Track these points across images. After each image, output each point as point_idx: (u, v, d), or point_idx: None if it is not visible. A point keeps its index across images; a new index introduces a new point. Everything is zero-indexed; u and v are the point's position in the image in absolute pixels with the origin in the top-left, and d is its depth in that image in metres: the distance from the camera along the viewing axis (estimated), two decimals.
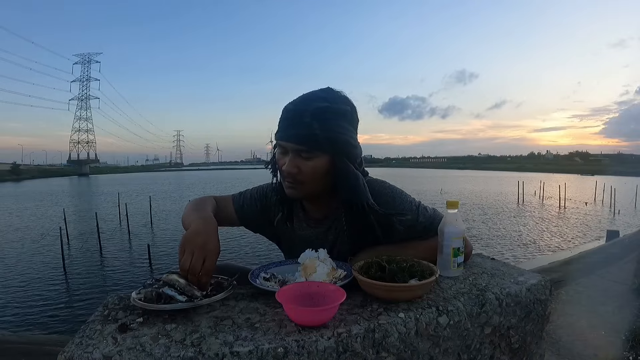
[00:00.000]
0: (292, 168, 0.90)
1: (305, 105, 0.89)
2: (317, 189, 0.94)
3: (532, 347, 0.88)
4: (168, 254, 10.44)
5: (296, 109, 0.90)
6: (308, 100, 0.90)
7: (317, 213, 1.03)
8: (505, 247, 10.91)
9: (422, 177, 56.71)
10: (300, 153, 0.90)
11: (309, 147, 0.89)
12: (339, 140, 0.90)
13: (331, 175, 0.92)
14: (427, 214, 0.97)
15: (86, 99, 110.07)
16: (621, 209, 17.99)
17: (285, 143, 0.91)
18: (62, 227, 10.85)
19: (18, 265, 9.22)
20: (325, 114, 0.88)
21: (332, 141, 0.89)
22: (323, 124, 0.87)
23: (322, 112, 0.88)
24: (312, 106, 0.88)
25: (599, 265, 4.85)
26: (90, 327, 0.68)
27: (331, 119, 0.89)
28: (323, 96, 0.91)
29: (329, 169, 0.91)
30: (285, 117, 0.91)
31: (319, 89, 0.94)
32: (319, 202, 1.01)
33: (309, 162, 0.90)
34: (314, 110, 0.87)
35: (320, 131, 0.87)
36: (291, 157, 0.90)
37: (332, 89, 0.94)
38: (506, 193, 27.11)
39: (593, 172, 61.22)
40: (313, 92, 0.93)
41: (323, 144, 0.88)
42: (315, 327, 0.66)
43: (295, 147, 0.89)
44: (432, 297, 0.78)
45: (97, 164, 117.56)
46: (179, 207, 19.04)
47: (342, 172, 0.91)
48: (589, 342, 2.61)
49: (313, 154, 0.89)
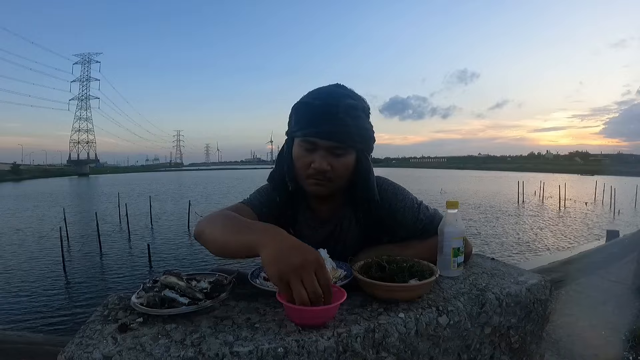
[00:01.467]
0: (325, 165, 0.88)
1: (335, 101, 0.87)
2: (342, 185, 0.94)
3: (532, 347, 0.88)
4: (168, 254, 10.45)
5: (327, 104, 0.87)
6: (336, 95, 0.89)
7: (323, 212, 1.01)
8: (505, 247, 10.90)
9: (422, 177, 56.71)
10: (334, 150, 0.88)
11: (344, 144, 0.88)
12: (368, 137, 0.92)
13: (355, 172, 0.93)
14: (427, 213, 0.97)
15: (86, 99, 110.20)
16: (621, 209, 17.99)
17: (318, 140, 0.87)
18: (62, 227, 10.83)
19: (18, 266, 9.21)
20: (355, 110, 0.88)
21: (363, 138, 0.90)
22: (356, 121, 0.87)
23: (353, 109, 0.88)
24: (343, 102, 0.87)
25: (599, 265, 4.85)
26: (90, 327, 0.68)
27: (360, 116, 0.89)
28: (347, 93, 0.90)
29: (354, 165, 0.93)
30: (315, 113, 0.87)
31: (334, 85, 0.93)
32: (328, 200, 0.99)
33: (341, 159, 0.89)
34: (346, 107, 0.86)
35: (355, 128, 0.87)
36: (323, 154, 0.88)
37: (345, 86, 0.94)
38: (506, 193, 27.11)
39: (593, 172, 61.21)
40: (333, 89, 0.92)
41: (356, 141, 0.89)
42: (315, 327, 0.66)
43: (330, 144, 0.87)
44: (432, 297, 0.78)
45: (97, 164, 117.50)
46: (179, 207, 19.03)
47: (365, 169, 0.93)
48: (589, 342, 2.61)
49: (346, 151, 0.89)
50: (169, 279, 0.75)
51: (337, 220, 1.01)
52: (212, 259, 9.14)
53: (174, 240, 12.16)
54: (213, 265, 1.04)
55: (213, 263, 1.07)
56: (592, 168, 76.64)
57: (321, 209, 1.01)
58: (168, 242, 11.81)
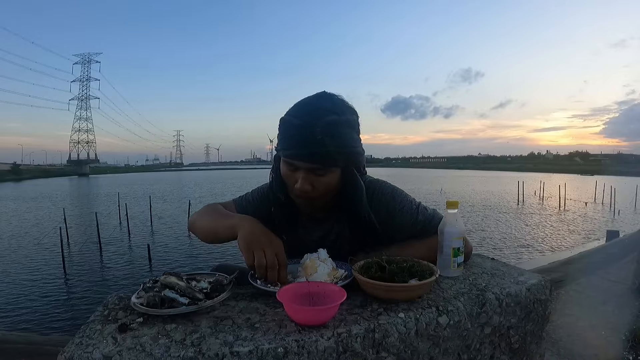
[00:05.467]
0: (306, 186, 0.88)
1: (314, 120, 0.83)
2: (328, 200, 0.95)
3: (532, 347, 0.88)
4: (168, 254, 10.45)
5: (305, 124, 0.84)
6: (315, 113, 0.85)
7: (318, 215, 1.03)
8: (505, 247, 10.90)
9: (422, 177, 56.70)
10: (315, 170, 0.87)
11: (323, 165, 0.87)
12: (351, 153, 0.89)
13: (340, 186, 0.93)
14: (426, 213, 0.97)
15: (86, 99, 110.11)
16: (621, 209, 17.98)
17: (297, 162, 0.87)
18: (62, 227, 10.83)
19: (18, 265, 9.21)
20: (336, 127, 0.85)
21: (345, 155, 0.88)
22: (335, 140, 0.84)
23: (332, 126, 0.84)
24: (322, 121, 0.83)
25: (599, 265, 4.84)
26: (90, 327, 0.68)
27: (342, 133, 0.86)
28: (328, 107, 0.86)
29: (339, 181, 0.92)
30: (293, 134, 0.86)
31: (317, 97, 0.90)
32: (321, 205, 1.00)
33: (322, 179, 0.88)
34: (324, 126, 0.83)
35: (334, 147, 0.84)
36: (304, 175, 0.87)
37: (331, 95, 0.90)
38: (506, 193, 27.11)
39: (593, 172, 61.21)
40: (315, 103, 0.88)
41: (337, 160, 0.87)
42: (315, 327, 0.66)
43: (310, 165, 0.86)
44: (432, 297, 0.78)
45: (97, 164, 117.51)
46: (179, 207, 19.03)
47: (350, 184, 0.92)
48: (589, 342, 2.60)
49: (327, 170, 0.88)
50: (169, 279, 0.75)
51: (331, 223, 1.01)
52: (212, 259, 9.14)
53: (174, 240, 12.14)
54: (213, 265, 1.05)
55: (213, 263, 1.08)
56: (592, 168, 76.64)
57: (314, 212, 1.02)
58: (168, 242, 11.80)
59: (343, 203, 0.95)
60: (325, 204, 0.97)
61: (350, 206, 0.94)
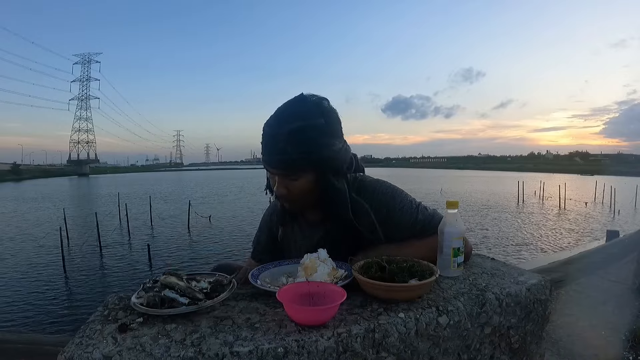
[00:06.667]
0: (281, 190, 0.93)
1: (278, 129, 0.87)
2: (310, 201, 0.97)
3: (532, 347, 0.88)
4: (168, 254, 10.45)
5: (271, 132, 0.89)
6: (281, 121, 0.88)
7: (314, 216, 1.05)
8: (505, 247, 10.90)
9: (422, 177, 56.68)
10: (286, 176, 0.92)
11: (289, 172, 0.90)
12: (318, 158, 0.89)
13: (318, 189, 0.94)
14: (426, 213, 0.98)
15: (86, 99, 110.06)
16: (621, 209, 17.98)
17: (268, 168, 0.94)
18: (62, 227, 10.83)
19: (18, 265, 9.21)
20: (299, 134, 0.86)
21: (311, 161, 0.88)
22: (298, 147, 0.86)
23: (295, 134, 0.86)
24: (285, 129, 0.86)
25: (599, 265, 4.84)
26: (90, 327, 0.68)
27: (307, 139, 0.86)
28: (296, 112, 0.88)
29: (317, 184, 0.93)
30: (264, 142, 0.92)
31: (291, 102, 0.91)
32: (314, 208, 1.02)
33: (295, 183, 0.92)
34: (287, 134, 0.86)
35: (297, 154, 0.86)
36: (278, 180, 0.93)
37: (304, 99, 0.90)
38: (506, 193, 27.10)
39: (593, 172, 61.17)
40: (286, 108, 0.90)
41: (303, 166, 0.89)
42: (315, 327, 0.66)
43: (278, 172, 0.91)
44: (432, 297, 0.78)
45: (97, 164, 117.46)
46: (179, 207, 19.03)
47: (324, 188, 0.93)
48: (589, 342, 2.61)
49: (297, 175, 0.91)
50: (169, 279, 0.75)
51: (327, 225, 1.02)
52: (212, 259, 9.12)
53: (174, 240, 12.15)
54: (213, 265, 1.05)
55: (213, 263, 1.08)
56: (592, 168, 76.61)
57: (310, 213, 1.05)
58: (168, 242, 11.80)
59: (325, 206, 0.97)
60: (314, 207, 0.99)
61: (332, 209, 0.96)
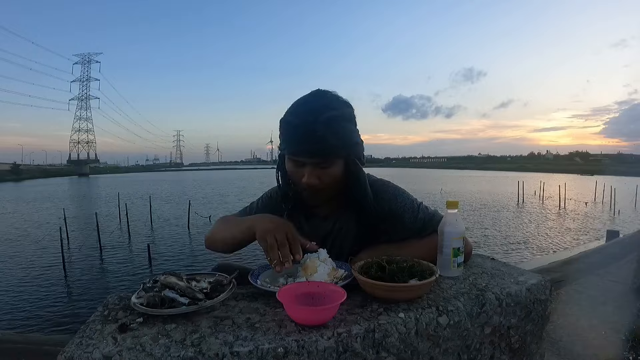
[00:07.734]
0: (313, 180, 0.92)
1: (313, 117, 0.88)
2: (335, 191, 0.98)
3: (532, 347, 0.88)
4: (168, 254, 10.44)
5: (306, 122, 0.88)
6: (314, 111, 0.89)
7: (321, 211, 1.06)
8: (505, 247, 10.89)
9: (422, 177, 56.67)
10: (320, 164, 0.92)
11: (327, 158, 0.91)
12: (351, 145, 0.94)
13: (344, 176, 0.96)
14: (427, 212, 1.00)
15: (86, 99, 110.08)
16: (621, 209, 17.96)
17: (302, 159, 0.92)
18: (62, 227, 10.82)
19: (18, 266, 9.20)
20: (334, 122, 0.89)
21: (346, 147, 0.92)
22: (336, 133, 0.89)
23: (333, 121, 0.89)
24: (321, 117, 0.88)
25: (599, 265, 4.84)
26: (90, 327, 0.68)
27: (341, 127, 0.91)
28: (326, 104, 0.91)
29: (344, 172, 0.95)
30: (295, 133, 0.91)
31: (313, 95, 0.94)
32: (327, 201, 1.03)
33: (327, 171, 0.93)
34: (325, 121, 0.88)
35: (335, 140, 0.89)
36: (310, 169, 0.92)
37: (326, 92, 0.94)
38: (506, 193, 27.09)
39: (593, 172, 61.15)
40: (312, 101, 0.93)
41: (339, 152, 0.91)
42: (315, 327, 0.66)
43: (314, 160, 0.91)
44: (432, 297, 0.78)
45: (97, 164, 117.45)
46: (179, 207, 19.02)
47: (354, 174, 0.96)
48: (589, 342, 2.60)
49: (332, 162, 0.92)
50: (169, 279, 0.75)
51: (336, 219, 1.04)
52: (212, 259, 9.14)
53: (174, 240, 12.14)
54: (213, 265, 1.05)
55: (213, 263, 1.08)
56: (592, 168, 76.59)
57: (320, 208, 1.06)
58: (168, 242, 11.80)
59: (348, 192, 0.99)
60: (331, 198, 1.00)
61: (355, 194, 0.98)
